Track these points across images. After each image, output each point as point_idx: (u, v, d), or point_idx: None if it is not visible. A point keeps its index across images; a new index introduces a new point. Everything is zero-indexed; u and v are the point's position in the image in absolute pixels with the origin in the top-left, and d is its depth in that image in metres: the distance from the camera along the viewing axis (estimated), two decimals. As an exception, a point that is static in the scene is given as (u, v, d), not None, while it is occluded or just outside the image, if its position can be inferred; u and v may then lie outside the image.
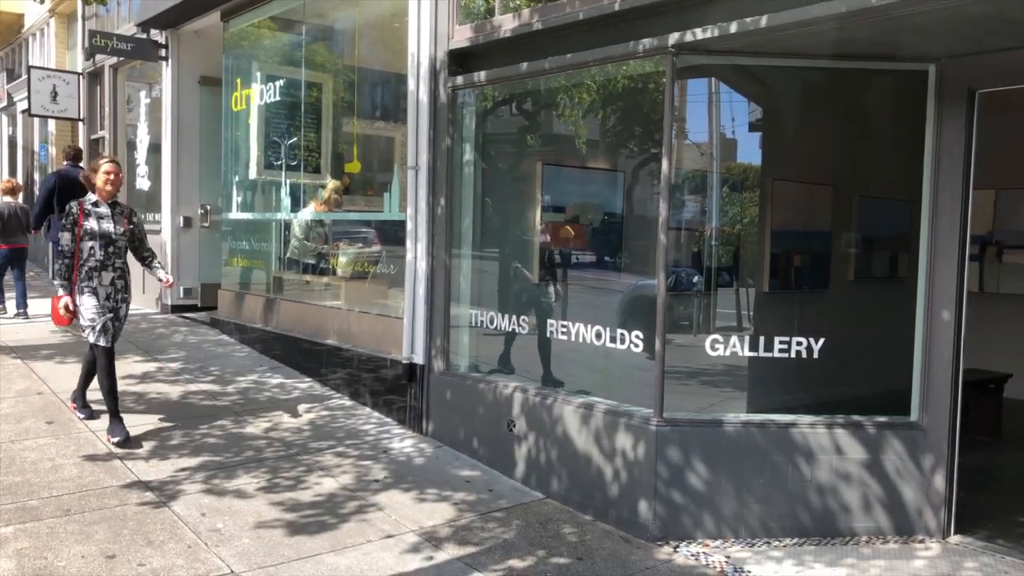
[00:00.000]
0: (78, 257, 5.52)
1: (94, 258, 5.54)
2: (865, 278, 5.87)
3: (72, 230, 5.51)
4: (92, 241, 5.53)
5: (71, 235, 5.51)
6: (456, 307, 6.08)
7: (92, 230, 5.54)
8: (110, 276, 5.61)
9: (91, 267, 5.54)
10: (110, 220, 5.64)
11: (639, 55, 4.75)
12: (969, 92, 4.38)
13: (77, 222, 5.52)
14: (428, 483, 5.20)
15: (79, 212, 5.55)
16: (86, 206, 5.58)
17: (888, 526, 4.55)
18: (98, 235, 5.55)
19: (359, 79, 7.95)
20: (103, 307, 5.55)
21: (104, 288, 5.58)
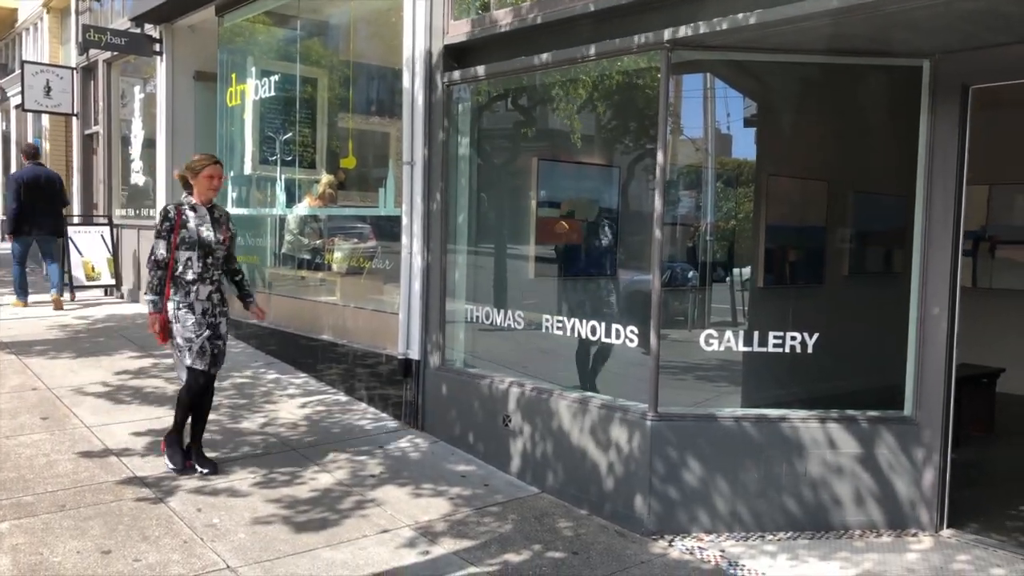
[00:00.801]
0: (172, 268, 4.84)
1: (191, 270, 4.85)
2: (860, 273, 5.89)
3: (168, 237, 4.82)
4: (190, 251, 4.84)
5: (167, 243, 4.81)
6: (452, 302, 6.09)
7: (191, 238, 4.84)
8: (207, 290, 4.91)
9: (188, 280, 4.85)
10: (210, 226, 4.93)
11: (634, 50, 4.75)
12: (963, 88, 4.39)
13: (174, 228, 4.82)
14: (424, 478, 5.21)
15: (176, 216, 4.84)
16: (184, 210, 4.90)
17: (881, 520, 4.58)
18: (197, 243, 4.85)
19: (354, 74, 7.94)
20: (200, 324, 4.88)
21: (201, 303, 4.88)
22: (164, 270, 4.83)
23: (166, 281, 4.83)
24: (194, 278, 4.86)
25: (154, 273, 4.84)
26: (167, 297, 4.84)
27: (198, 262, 4.86)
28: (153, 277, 4.84)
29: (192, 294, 4.85)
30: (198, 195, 4.96)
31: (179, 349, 4.91)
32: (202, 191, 4.96)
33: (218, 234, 4.95)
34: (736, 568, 4.11)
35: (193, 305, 4.86)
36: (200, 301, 4.88)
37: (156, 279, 4.83)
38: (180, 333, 4.85)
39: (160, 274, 4.83)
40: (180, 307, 4.84)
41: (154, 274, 4.84)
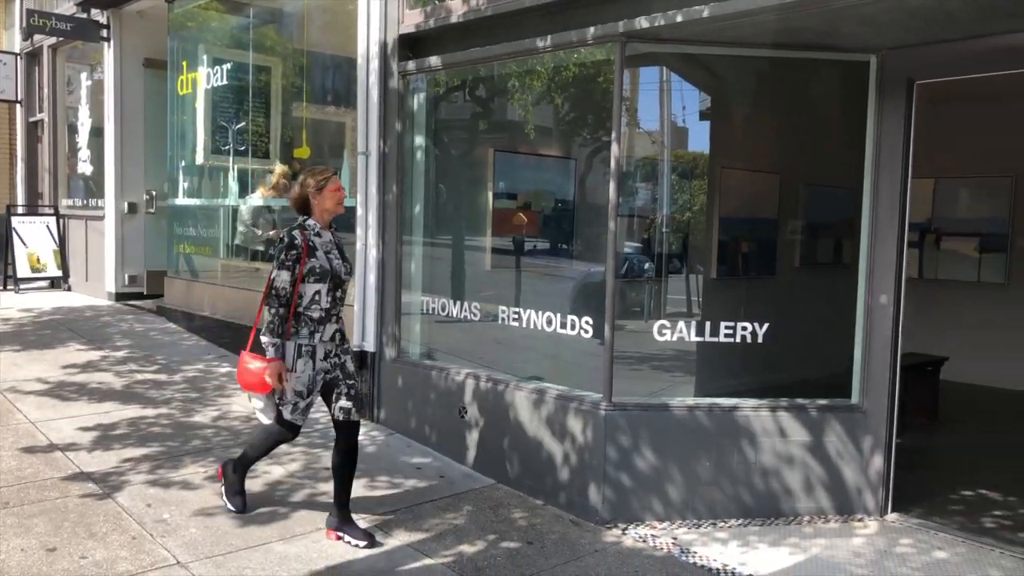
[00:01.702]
0: (294, 304, 4.07)
1: (318, 306, 4.08)
2: (811, 264, 6.00)
3: (294, 268, 4.01)
4: (319, 283, 4.06)
5: (292, 274, 4.01)
6: (407, 294, 6.06)
7: (321, 268, 4.06)
8: (332, 329, 4.17)
9: (314, 319, 4.09)
10: (337, 253, 4.18)
11: (589, 42, 4.77)
12: (908, 82, 4.49)
13: (301, 257, 4.03)
14: (379, 471, 5.18)
15: (303, 243, 4.04)
16: (309, 236, 4.09)
17: (829, 506, 4.68)
18: (328, 275, 4.09)
19: (309, 63, 7.84)
20: (315, 381, 4.16)
21: (324, 345, 4.14)
22: (287, 307, 4.02)
23: (288, 320, 4.06)
24: (321, 316, 4.09)
25: (275, 311, 3.99)
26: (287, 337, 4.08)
27: (327, 296, 4.09)
28: (274, 316, 3.99)
29: (317, 335, 4.09)
30: (320, 215, 4.13)
31: (281, 398, 4.17)
32: (328, 209, 4.15)
33: (345, 262, 4.23)
34: (688, 555, 4.17)
35: (316, 349, 4.10)
36: (324, 343, 4.13)
37: (278, 318, 4.00)
38: (291, 385, 4.11)
39: (283, 312, 4.01)
40: (302, 352, 4.08)
41: (275, 312, 3.99)
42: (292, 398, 4.14)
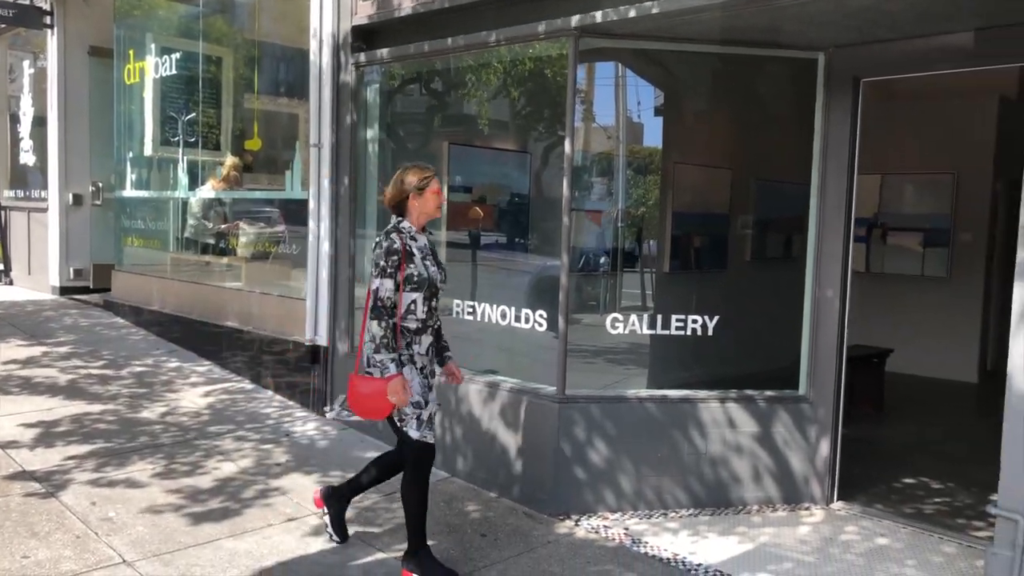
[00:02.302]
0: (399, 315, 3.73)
1: (414, 317, 3.74)
2: (761, 258, 6.09)
3: (396, 275, 3.65)
4: (416, 292, 3.71)
5: (395, 282, 3.65)
6: (361, 288, 6.01)
7: (419, 276, 3.70)
8: (428, 341, 3.83)
9: (412, 330, 3.76)
10: (433, 260, 3.83)
11: (541, 36, 4.77)
12: (854, 80, 4.58)
13: (401, 264, 3.68)
14: (332, 465, 5.14)
15: (402, 248, 3.71)
16: (406, 240, 3.74)
17: (777, 495, 4.77)
18: (425, 283, 3.73)
19: (260, 54, 7.73)
20: (426, 385, 3.83)
21: (421, 358, 3.80)
22: (394, 318, 3.68)
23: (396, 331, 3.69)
24: (418, 327, 3.76)
25: (386, 323, 3.63)
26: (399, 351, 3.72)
27: (423, 306, 3.75)
28: (386, 329, 3.63)
29: (415, 346, 3.77)
30: (416, 218, 3.78)
31: (401, 419, 3.78)
32: (427, 212, 3.79)
33: (441, 269, 3.88)
34: (639, 545, 4.21)
35: (415, 359, 3.78)
36: (420, 355, 3.79)
37: (390, 331, 3.65)
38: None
39: (393, 324, 3.66)
40: (403, 361, 3.74)
41: (386, 324, 3.63)
42: (411, 412, 3.75)
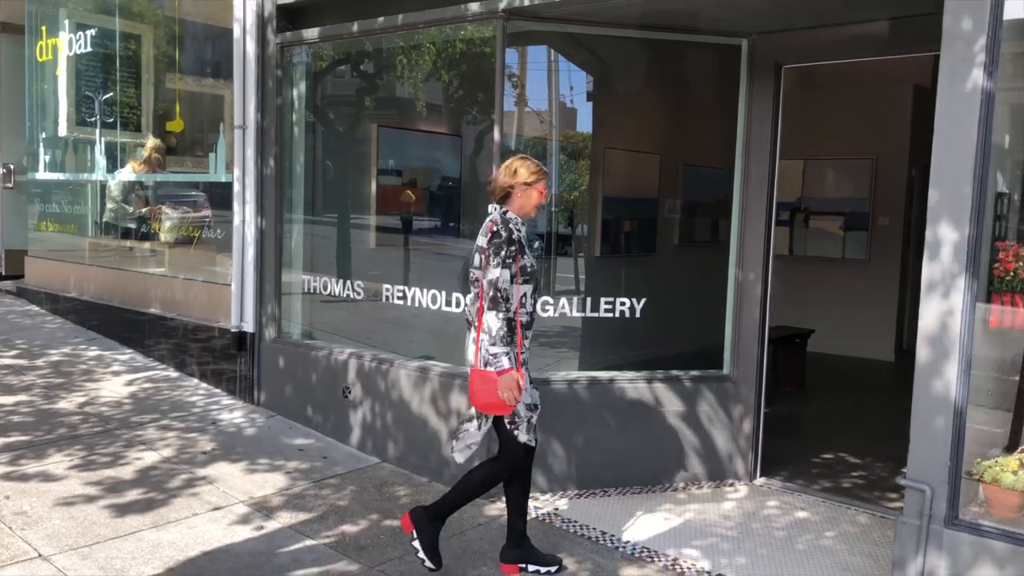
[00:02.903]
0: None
1: (525, 310, 3.56)
2: (689, 242, 6.21)
3: (511, 266, 3.47)
4: (527, 285, 3.54)
5: (511, 273, 3.48)
6: (288, 273, 5.91)
7: (532, 268, 3.57)
8: (530, 336, 3.70)
9: (523, 323, 3.56)
10: (530, 251, 3.66)
11: (470, 18, 4.74)
12: (776, 67, 4.69)
13: (516, 255, 3.51)
14: (260, 453, 5.06)
15: (518, 239, 3.55)
16: (519, 230, 3.59)
17: (702, 472, 4.88)
18: (534, 275, 3.60)
19: (181, 32, 7.49)
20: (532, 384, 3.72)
21: (524, 354, 3.63)
22: (511, 311, 3.49)
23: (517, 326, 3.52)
24: (528, 320, 3.59)
25: (503, 315, 3.45)
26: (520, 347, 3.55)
27: (531, 298, 3.58)
28: (504, 322, 3.45)
29: (527, 340, 3.62)
30: (519, 210, 3.61)
31: (513, 420, 3.61)
32: (526, 209, 3.63)
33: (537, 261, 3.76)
34: (569, 524, 4.27)
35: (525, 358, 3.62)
36: (525, 351, 3.62)
37: (508, 323, 3.47)
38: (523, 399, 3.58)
39: (511, 317, 3.49)
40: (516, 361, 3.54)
41: (503, 316, 3.45)
42: (525, 414, 3.61)
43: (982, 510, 3.42)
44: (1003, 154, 3.78)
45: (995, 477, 3.38)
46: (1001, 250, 3.49)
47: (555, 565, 3.75)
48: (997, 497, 3.41)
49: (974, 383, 3.41)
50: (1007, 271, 3.46)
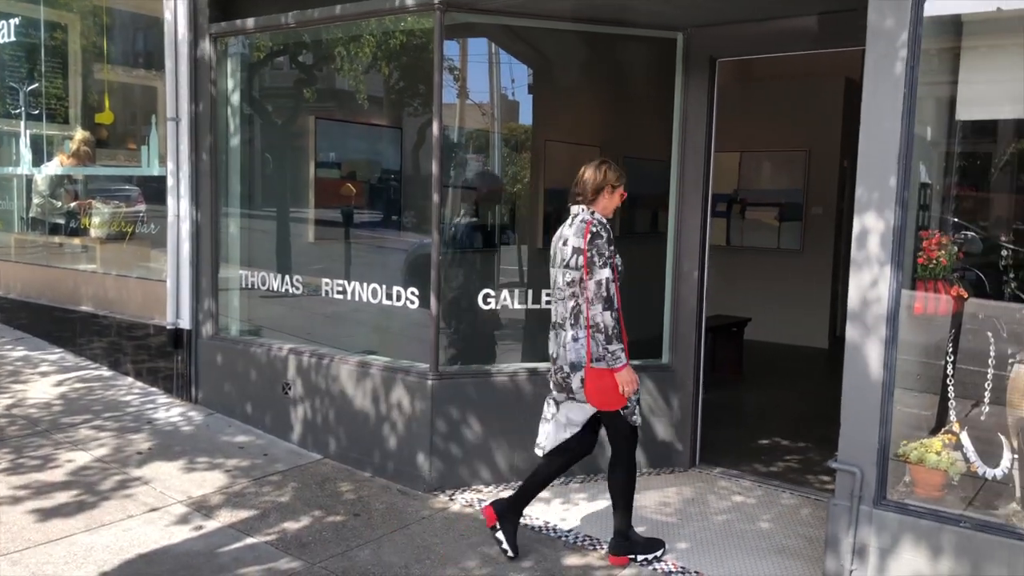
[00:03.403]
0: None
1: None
2: (630, 233, 6.26)
3: (610, 264, 3.60)
4: (616, 282, 3.66)
5: (611, 271, 3.61)
6: (225, 268, 5.80)
7: (621, 266, 3.73)
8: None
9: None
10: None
11: (407, 9, 4.72)
12: (710, 60, 4.77)
13: (614, 254, 3.66)
14: (198, 452, 4.97)
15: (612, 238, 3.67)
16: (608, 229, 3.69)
17: (644, 460, 4.95)
18: (620, 274, 3.74)
19: (111, 21, 7.27)
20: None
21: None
22: (616, 307, 3.59)
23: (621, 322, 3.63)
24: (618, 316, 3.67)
25: (613, 312, 3.55)
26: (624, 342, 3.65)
27: (617, 296, 3.66)
28: (616, 320, 3.57)
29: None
30: (602, 210, 3.72)
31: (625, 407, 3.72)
32: (608, 211, 3.75)
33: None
34: (512, 516, 4.29)
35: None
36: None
37: (617, 320, 3.58)
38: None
39: (617, 314, 3.59)
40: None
41: (613, 313, 3.56)
42: (635, 400, 3.74)
43: (909, 490, 3.55)
44: (926, 146, 3.93)
45: (920, 458, 3.51)
46: (925, 239, 3.62)
47: (660, 548, 3.88)
48: (922, 477, 3.54)
49: (902, 368, 3.54)
50: (930, 259, 3.59)
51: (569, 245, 3.64)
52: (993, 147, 4.42)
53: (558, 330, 3.74)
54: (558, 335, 3.74)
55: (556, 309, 3.76)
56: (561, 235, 3.73)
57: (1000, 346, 3.66)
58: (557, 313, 3.75)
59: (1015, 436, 3.54)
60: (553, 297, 3.78)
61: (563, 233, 3.72)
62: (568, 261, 3.64)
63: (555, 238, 3.79)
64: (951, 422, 3.63)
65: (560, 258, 3.69)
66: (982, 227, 4.30)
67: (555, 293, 3.76)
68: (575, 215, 3.72)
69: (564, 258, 3.66)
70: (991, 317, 3.87)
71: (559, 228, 3.81)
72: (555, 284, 3.75)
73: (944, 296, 3.66)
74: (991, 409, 3.63)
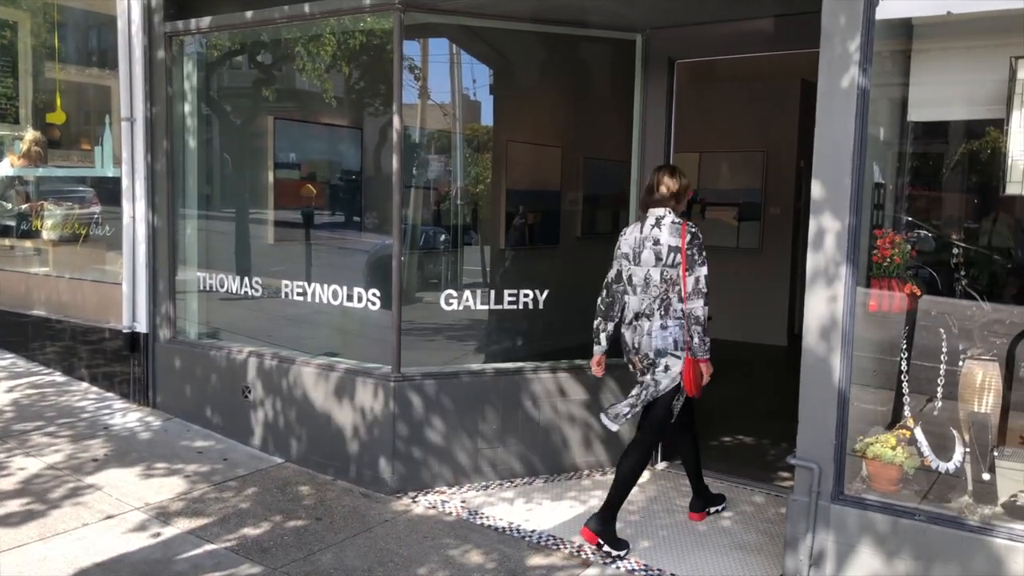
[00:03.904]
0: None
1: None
2: (591, 234, 6.29)
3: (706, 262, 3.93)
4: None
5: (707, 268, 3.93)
6: (183, 271, 5.71)
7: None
8: None
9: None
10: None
11: (366, 9, 4.69)
12: (669, 61, 4.81)
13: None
14: (156, 457, 4.89)
15: None
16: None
17: (607, 459, 4.98)
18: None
19: (62, 19, 7.12)
20: None
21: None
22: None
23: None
24: None
25: (707, 306, 3.91)
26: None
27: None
28: (707, 314, 3.92)
29: None
30: (679, 212, 4.04)
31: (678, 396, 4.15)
32: (678, 211, 4.04)
33: None
34: (476, 517, 4.29)
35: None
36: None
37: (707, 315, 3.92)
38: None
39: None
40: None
41: (707, 308, 3.91)
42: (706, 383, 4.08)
43: (866, 485, 3.62)
44: (880, 146, 4.00)
45: (876, 453, 3.58)
46: (879, 237, 3.69)
47: (722, 503, 4.45)
48: (879, 472, 3.61)
49: (860, 364, 3.60)
50: (884, 257, 3.66)
51: (664, 244, 3.90)
52: (945, 147, 4.52)
53: (640, 321, 3.98)
54: (639, 326, 3.98)
55: (638, 302, 3.99)
56: (648, 235, 3.95)
57: (952, 342, 3.75)
58: (641, 305, 3.98)
59: (966, 430, 3.63)
60: (631, 292, 4.02)
61: (651, 234, 3.95)
62: (665, 259, 3.89)
63: (634, 238, 4.01)
64: (906, 417, 3.71)
65: (653, 256, 3.93)
66: (935, 226, 4.39)
67: (634, 287, 4.00)
68: (659, 217, 3.96)
69: (660, 256, 3.91)
70: (943, 314, 3.96)
71: (631, 229, 4.07)
72: (636, 279, 3.99)
73: (898, 294, 3.74)
74: (944, 404, 3.72)
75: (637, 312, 4.00)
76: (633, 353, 4.03)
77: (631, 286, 4.01)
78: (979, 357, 3.68)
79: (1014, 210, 4.23)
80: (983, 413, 3.60)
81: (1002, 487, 3.45)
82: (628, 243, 4.03)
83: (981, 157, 4.19)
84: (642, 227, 4.00)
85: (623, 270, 4.05)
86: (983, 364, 3.64)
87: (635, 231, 4.03)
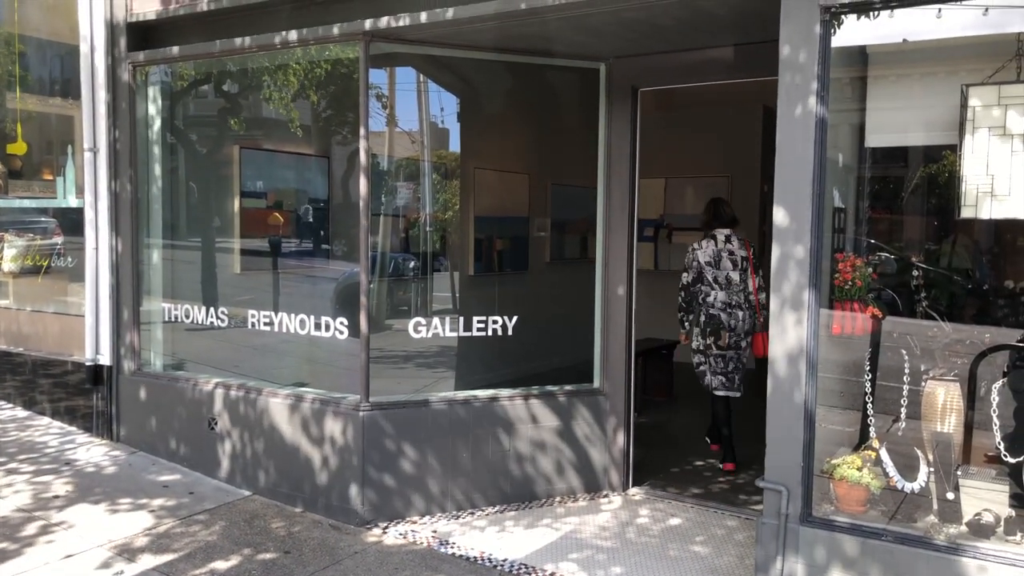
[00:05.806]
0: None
1: None
2: (560, 259, 6.32)
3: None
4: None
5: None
6: (148, 301, 5.64)
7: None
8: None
9: None
10: None
11: (333, 39, 4.71)
12: (632, 90, 4.88)
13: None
14: (121, 492, 4.79)
15: None
16: None
17: (579, 485, 4.97)
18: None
19: (24, 48, 7.04)
20: None
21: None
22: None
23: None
24: None
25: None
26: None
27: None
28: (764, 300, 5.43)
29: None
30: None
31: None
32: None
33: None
34: (447, 546, 4.25)
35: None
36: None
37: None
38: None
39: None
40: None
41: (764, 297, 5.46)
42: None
43: (834, 507, 3.65)
44: (840, 171, 4.09)
45: (843, 475, 3.62)
46: (840, 261, 3.76)
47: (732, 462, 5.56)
48: (846, 493, 3.64)
49: (826, 386, 3.65)
50: (846, 281, 3.73)
51: (738, 255, 5.50)
52: (904, 171, 4.62)
53: (732, 310, 5.44)
54: (732, 313, 5.43)
55: (726, 295, 5.45)
56: (725, 247, 5.49)
57: (914, 362, 3.81)
58: (731, 298, 5.44)
59: (930, 450, 3.68)
60: (717, 288, 5.46)
61: (726, 247, 5.50)
62: (739, 265, 5.48)
63: (712, 250, 5.49)
64: (871, 438, 3.75)
65: (730, 263, 5.47)
66: (896, 248, 4.48)
67: (720, 285, 5.46)
68: (728, 235, 5.52)
69: (735, 263, 5.48)
70: (905, 335, 4.03)
71: (705, 244, 5.52)
72: (722, 280, 5.46)
73: (860, 316, 3.79)
74: (908, 424, 3.77)
75: (726, 303, 5.43)
76: (728, 330, 5.41)
77: (716, 284, 5.45)
78: (941, 377, 3.74)
79: (972, 232, 4.33)
80: (946, 433, 3.66)
81: (966, 506, 3.50)
82: (706, 254, 5.48)
83: (939, 180, 4.29)
84: (715, 241, 5.49)
85: (705, 273, 5.47)
86: (945, 384, 3.70)
87: (711, 245, 5.49)
